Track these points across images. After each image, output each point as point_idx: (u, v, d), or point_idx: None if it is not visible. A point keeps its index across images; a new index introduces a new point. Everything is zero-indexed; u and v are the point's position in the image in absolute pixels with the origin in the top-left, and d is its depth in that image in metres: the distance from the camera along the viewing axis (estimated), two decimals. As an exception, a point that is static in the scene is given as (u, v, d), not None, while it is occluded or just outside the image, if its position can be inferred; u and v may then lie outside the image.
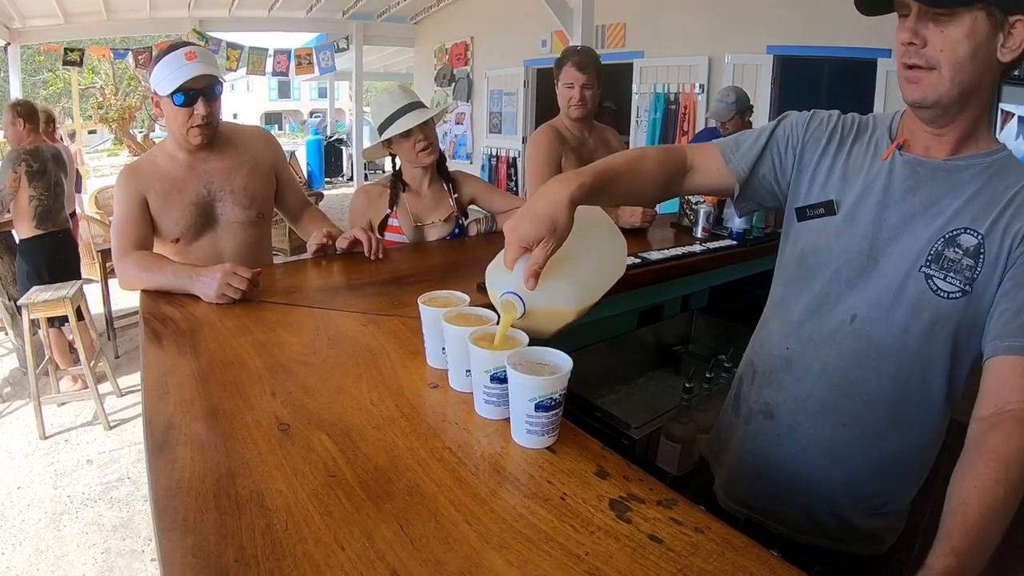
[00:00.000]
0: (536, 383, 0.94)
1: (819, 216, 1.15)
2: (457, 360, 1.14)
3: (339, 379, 1.23)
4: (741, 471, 1.31)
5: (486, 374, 1.03)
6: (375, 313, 1.58)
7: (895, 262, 1.06)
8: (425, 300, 1.24)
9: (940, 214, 1.03)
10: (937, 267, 1.02)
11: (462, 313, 1.18)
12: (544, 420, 0.98)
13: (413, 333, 1.44)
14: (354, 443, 1.00)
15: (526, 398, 0.95)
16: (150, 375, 1.25)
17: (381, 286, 1.84)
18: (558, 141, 2.63)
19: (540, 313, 1.09)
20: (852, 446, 1.14)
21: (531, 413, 0.96)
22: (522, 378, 0.94)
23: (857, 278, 1.10)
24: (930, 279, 1.03)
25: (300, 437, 1.02)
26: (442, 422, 1.07)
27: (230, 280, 1.59)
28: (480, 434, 1.04)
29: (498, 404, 1.06)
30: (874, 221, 1.09)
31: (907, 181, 1.07)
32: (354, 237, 2.07)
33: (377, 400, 1.14)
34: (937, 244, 1.02)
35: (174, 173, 1.92)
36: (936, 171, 1.05)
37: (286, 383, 1.20)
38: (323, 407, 1.11)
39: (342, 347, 1.39)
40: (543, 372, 0.98)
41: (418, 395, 1.16)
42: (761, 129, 1.24)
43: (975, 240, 1.00)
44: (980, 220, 1.00)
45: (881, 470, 1.15)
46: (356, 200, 2.35)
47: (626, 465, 0.99)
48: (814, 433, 1.17)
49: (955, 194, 1.03)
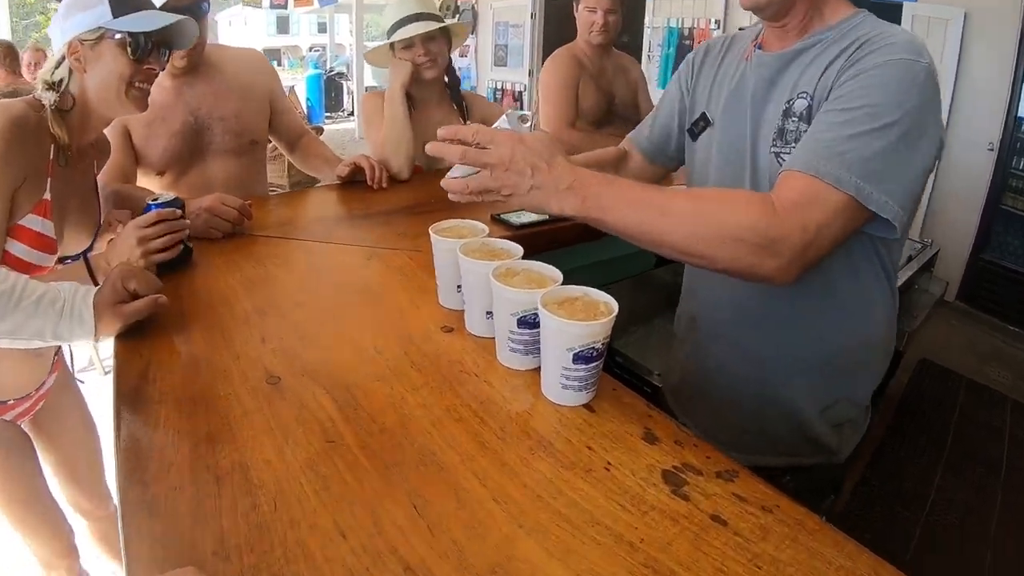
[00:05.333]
0: (576, 330, 0.78)
1: (702, 130, 1.19)
2: (476, 300, 0.98)
3: (338, 323, 1.07)
4: (686, 396, 1.31)
5: (512, 317, 0.86)
6: (379, 247, 1.41)
7: (760, 151, 1.06)
8: (437, 230, 1.07)
9: (783, 93, 1.03)
10: (782, 143, 1.02)
11: (483, 245, 1.01)
12: (583, 374, 0.82)
13: (422, 269, 1.27)
14: (355, 399, 0.85)
15: (563, 347, 0.79)
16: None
17: (386, 217, 1.67)
18: (576, 66, 2.45)
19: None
20: (774, 343, 1.12)
21: (568, 365, 0.80)
22: (559, 323, 0.78)
23: (741, 176, 1.10)
24: (778, 156, 1.02)
25: (292, 392, 0.87)
26: (459, 372, 0.92)
27: (217, 211, 1.42)
28: (505, 388, 0.89)
29: (526, 352, 0.90)
30: (740, 120, 1.10)
31: (762, 76, 1.07)
32: (355, 164, 1.91)
33: (383, 347, 0.98)
34: (778, 120, 1.02)
35: (157, 100, 1.73)
36: (783, 58, 1.05)
37: (278, 327, 1.04)
38: (320, 356, 0.96)
39: (342, 286, 1.22)
40: (581, 314, 0.81)
41: (430, 341, 1.00)
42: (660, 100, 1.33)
43: (806, 102, 0.99)
44: (810, 82, 0.99)
45: (819, 365, 1.11)
46: (369, 106, 2.14)
47: (676, 427, 0.84)
48: (735, 337, 1.16)
49: (795, 71, 1.03)
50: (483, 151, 0.85)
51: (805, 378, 1.13)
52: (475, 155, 0.86)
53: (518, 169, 0.84)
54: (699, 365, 1.24)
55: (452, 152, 0.88)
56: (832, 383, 1.14)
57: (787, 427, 1.16)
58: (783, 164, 0.96)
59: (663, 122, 1.31)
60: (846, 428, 1.18)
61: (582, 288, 0.85)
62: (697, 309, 1.23)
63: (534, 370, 0.90)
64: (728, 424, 1.20)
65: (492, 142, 0.86)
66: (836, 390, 1.15)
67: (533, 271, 0.91)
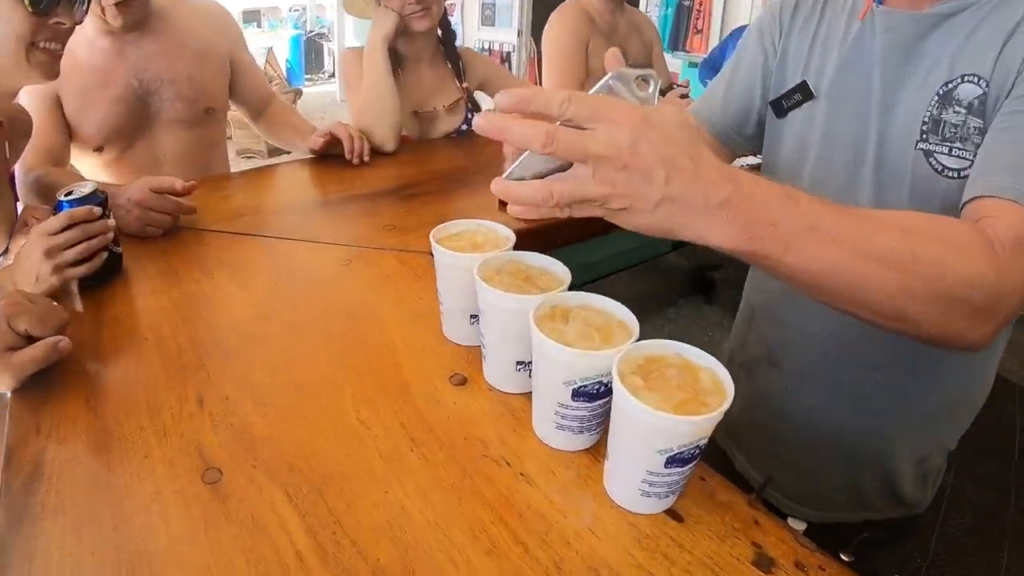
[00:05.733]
0: (680, 427, 0.51)
1: (797, 104, 0.91)
2: (504, 346, 0.70)
3: (306, 369, 0.78)
4: (748, 436, 1.07)
5: (566, 387, 0.58)
6: (361, 245, 1.12)
7: (893, 144, 0.80)
8: (440, 238, 0.78)
9: (932, 69, 0.76)
10: (937, 138, 0.75)
11: (511, 263, 0.72)
12: (676, 478, 0.55)
13: (418, 279, 0.99)
14: (335, 515, 0.57)
15: (654, 447, 0.52)
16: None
17: (369, 202, 1.37)
18: (587, 22, 2.13)
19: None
20: (888, 388, 0.87)
21: (658, 470, 0.53)
22: (654, 417, 0.50)
23: (856, 172, 0.83)
24: (931, 156, 0.76)
25: (240, 500, 0.59)
26: (481, 457, 0.64)
27: (150, 204, 1.12)
28: (552, 484, 0.62)
29: (580, 431, 0.62)
30: (862, 98, 0.83)
31: (893, 42, 0.80)
32: (330, 134, 1.60)
33: (370, 414, 0.70)
34: (931, 108, 0.75)
35: (95, 63, 1.44)
36: (923, 21, 0.77)
37: (223, 378, 0.76)
38: (281, 431, 0.68)
39: (312, 306, 0.94)
40: (680, 393, 0.53)
41: (435, 400, 0.72)
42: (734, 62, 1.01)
43: (979, 90, 0.72)
44: (981, 61, 0.72)
45: (931, 412, 0.89)
46: (349, 65, 1.81)
47: (793, 538, 0.58)
48: (838, 378, 0.90)
49: (947, 41, 0.75)
50: (582, 134, 0.48)
51: (912, 427, 0.90)
52: (569, 141, 0.48)
53: (644, 167, 0.48)
54: (778, 407, 0.97)
55: (523, 135, 0.48)
56: (936, 431, 0.93)
57: (877, 481, 0.94)
58: (974, 186, 0.68)
59: (741, 91, 0.99)
60: (930, 478, 0.97)
61: (675, 345, 0.58)
62: (782, 340, 0.96)
63: (590, 452, 0.63)
64: (805, 476, 0.97)
65: (597, 118, 0.48)
66: (936, 439, 0.94)
67: (593, 310, 0.63)
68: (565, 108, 0.48)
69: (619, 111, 0.48)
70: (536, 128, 0.47)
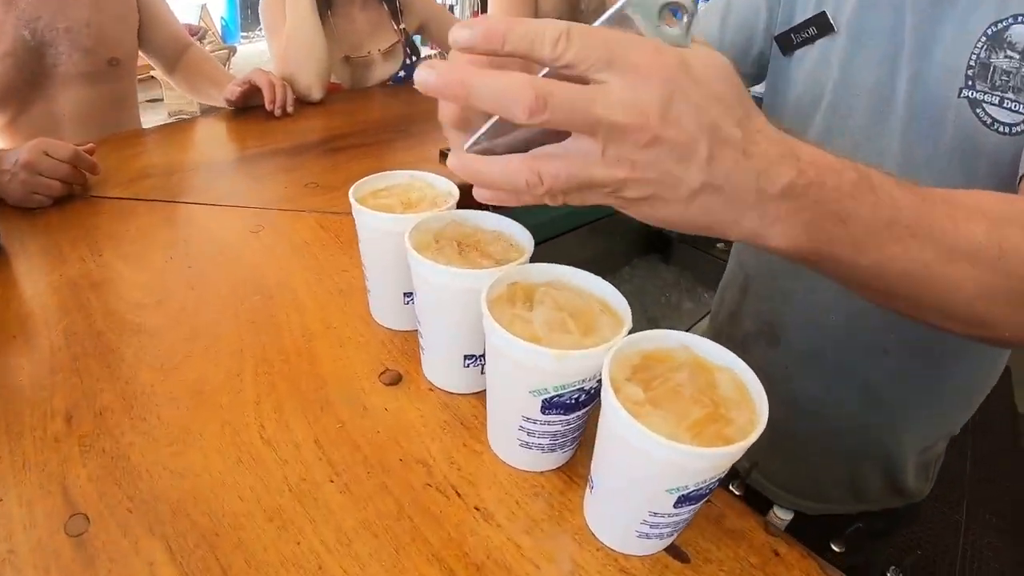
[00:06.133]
0: (697, 463, 0.35)
1: (808, 40, 0.74)
2: (447, 336, 0.54)
3: (201, 366, 0.61)
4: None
5: (534, 397, 0.43)
6: (277, 207, 0.94)
7: (931, 90, 0.66)
8: (363, 195, 0.62)
9: (977, 4, 0.62)
10: (986, 86, 0.62)
11: (452, 225, 0.56)
12: (686, 516, 0.40)
13: (342, 246, 0.82)
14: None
15: (662, 487, 0.37)
16: None
17: (288, 157, 1.17)
18: None
19: None
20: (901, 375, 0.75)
21: (664, 510, 0.38)
22: (664, 449, 0.35)
23: (881, 123, 0.69)
24: (978, 106, 0.63)
25: (112, 560, 0.43)
26: (424, 487, 0.48)
27: (39, 167, 0.92)
28: (519, 522, 0.46)
29: (551, 448, 0.47)
30: (890, 34, 0.68)
31: None
32: (248, 83, 1.40)
33: (278, 430, 0.53)
34: (978, 50, 0.62)
35: None
36: None
37: (97, 386, 0.58)
38: (163, 455, 0.51)
39: (212, 284, 0.75)
40: (696, 409, 0.38)
41: (363, 408, 0.56)
42: None
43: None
44: None
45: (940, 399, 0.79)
46: (269, 8, 1.56)
47: (820, 570, 0.45)
48: (847, 365, 0.78)
49: None
50: (588, 92, 0.31)
51: (922, 417, 0.80)
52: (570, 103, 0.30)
53: (679, 141, 0.31)
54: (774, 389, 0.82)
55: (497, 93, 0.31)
56: (946, 419, 0.82)
57: (879, 473, 0.83)
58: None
59: (741, 20, 0.81)
60: (932, 466, 0.87)
61: (679, 336, 0.42)
62: (783, 316, 0.82)
63: (564, 471, 0.48)
64: (800, 465, 0.85)
65: (610, 65, 0.30)
66: (942, 426, 0.83)
67: (566, 288, 0.47)
68: (562, 49, 0.30)
69: (643, 53, 0.30)
70: (517, 83, 0.29)
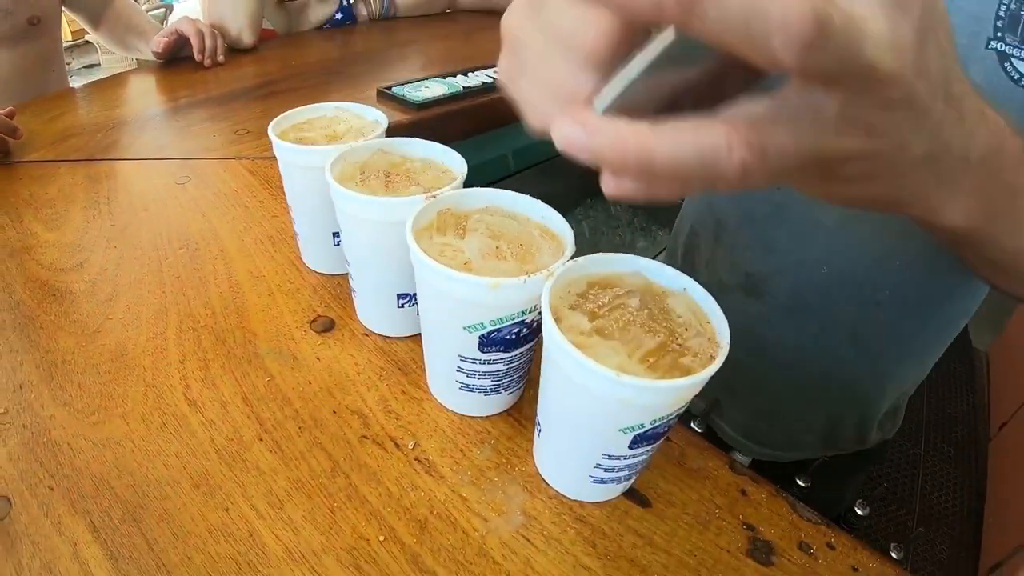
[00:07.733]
0: (656, 396, 0.31)
1: None
2: (376, 274, 0.49)
3: (123, 327, 0.55)
4: (715, 379, 0.86)
5: (469, 334, 0.38)
6: (204, 156, 0.87)
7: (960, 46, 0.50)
8: (284, 129, 0.56)
9: None
10: (1015, 39, 0.55)
11: (379, 154, 0.50)
12: (642, 458, 0.37)
13: (273, 192, 0.76)
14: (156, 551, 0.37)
15: (615, 426, 0.33)
16: None
17: (218, 105, 1.09)
18: None
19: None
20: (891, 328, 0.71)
21: (619, 452, 0.35)
22: (614, 384, 0.30)
23: None
24: (1007, 60, 0.56)
25: (34, 543, 0.37)
26: (360, 440, 0.44)
27: None
28: (464, 473, 0.42)
29: (494, 390, 0.43)
30: None
31: None
32: (176, 32, 1.30)
33: (202, 387, 0.48)
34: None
35: None
36: None
37: (16, 359, 0.51)
38: (84, 425, 0.45)
39: (135, 241, 0.69)
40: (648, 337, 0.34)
41: (293, 357, 0.51)
42: None
43: None
44: None
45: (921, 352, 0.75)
46: None
47: (789, 507, 0.43)
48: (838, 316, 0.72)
49: None
50: (853, 19, 0.18)
51: (906, 365, 0.76)
52: (842, 30, 0.18)
53: (923, 100, 0.23)
54: (754, 341, 0.78)
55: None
56: (924, 365, 0.79)
57: (855, 420, 0.80)
58: None
59: None
60: (901, 409, 0.85)
61: (630, 260, 0.38)
62: (765, 267, 0.76)
63: (511, 414, 0.44)
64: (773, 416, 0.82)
65: None
66: (920, 371, 0.80)
67: (501, 213, 0.43)
68: None
69: None
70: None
